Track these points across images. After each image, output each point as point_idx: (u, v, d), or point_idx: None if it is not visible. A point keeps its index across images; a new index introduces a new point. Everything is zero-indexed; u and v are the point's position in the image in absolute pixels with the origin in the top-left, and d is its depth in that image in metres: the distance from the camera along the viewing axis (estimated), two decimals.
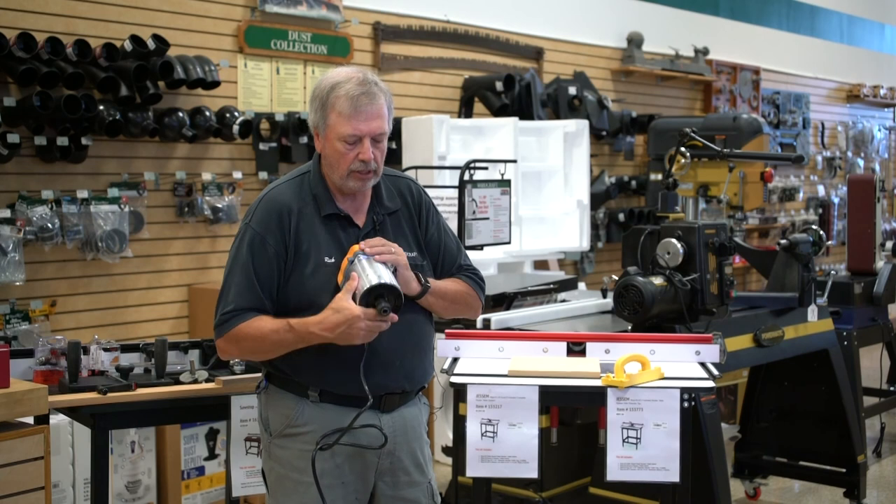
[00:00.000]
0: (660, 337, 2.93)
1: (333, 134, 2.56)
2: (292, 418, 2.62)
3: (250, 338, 2.54)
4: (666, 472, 2.55)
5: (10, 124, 4.55)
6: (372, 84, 2.57)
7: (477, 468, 2.59)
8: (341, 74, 2.60)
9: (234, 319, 2.54)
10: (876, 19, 11.94)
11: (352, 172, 2.57)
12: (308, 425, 2.60)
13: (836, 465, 4.84)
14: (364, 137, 2.55)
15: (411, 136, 5.77)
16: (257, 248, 2.56)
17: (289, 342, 2.53)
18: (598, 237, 7.66)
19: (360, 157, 2.55)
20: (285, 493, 2.64)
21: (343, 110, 2.54)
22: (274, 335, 2.52)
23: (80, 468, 4.29)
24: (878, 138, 11.53)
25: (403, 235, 2.71)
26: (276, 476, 2.67)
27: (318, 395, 2.60)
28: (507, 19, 7.14)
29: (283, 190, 2.64)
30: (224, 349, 2.61)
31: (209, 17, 5.39)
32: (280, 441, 2.64)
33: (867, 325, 5.45)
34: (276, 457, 2.66)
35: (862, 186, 5.70)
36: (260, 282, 2.55)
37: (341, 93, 2.55)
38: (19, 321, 4.57)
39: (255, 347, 2.57)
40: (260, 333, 2.53)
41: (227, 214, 5.32)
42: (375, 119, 2.56)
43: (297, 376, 2.61)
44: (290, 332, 2.51)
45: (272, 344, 2.54)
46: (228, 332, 2.55)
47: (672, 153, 4.61)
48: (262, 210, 2.60)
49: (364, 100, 2.54)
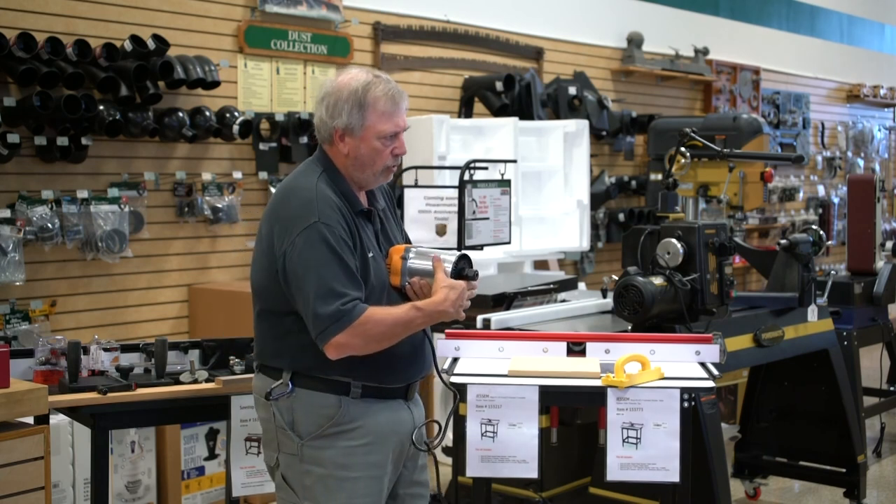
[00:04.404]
0: (660, 337, 2.94)
1: (372, 133, 2.63)
2: (336, 417, 2.59)
3: (382, 323, 2.54)
4: (666, 472, 2.55)
5: (10, 124, 4.55)
6: (393, 81, 2.70)
7: (477, 468, 2.59)
8: (362, 76, 2.65)
9: (356, 309, 2.51)
10: (876, 19, 11.94)
11: (385, 168, 2.69)
12: (355, 421, 2.60)
13: (836, 465, 4.84)
14: (400, 132, 2.68)
15: (411, 136, 5.68)
16: (339, 242, 2.55)
17: (417, 324, 2.60)
18: (598, 237, 7.66)
19: (395, 151, 2.67)
20: (329, 493, 2.61)
21: (386, 108, 2.63)
22: (404, 318, 2.57)
23: (80, 468, 4.29)
24: (878, 138, 11.53)
25: (395, 229, 2.83)
26: (314, 478, 2.62)
27: (361, 389, 2.61)
28: (507, 19, 7.14)
29: (322, 187, 2.62)
30: (345, 343, 2.51)
31: (209, 17, 5.39)
32: (318, 442, 2.61)
33: (867, 325, 5.45)
34: (314, 459, 2.61)
35: (862, 186, 5.70)
36: (358, 271, 2.57)
37: (379, 93, 2.63)
38: (19, 321, 4.57)
39: (385, 334, 2.56)
40: (392, 318, 2.56)
41: (227, 214, 5.32)
42: (405, 114, 2.71)
43: (335, 374, 2.59)
44: (421, 313, 2.57)
45: (403, 327, 2.58)
46: (354, 322, 2.50)
47: (672, 153, 4.61)
48: (325, 207, 2.57)
49: (400, 97, 2.67)
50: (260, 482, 3.27)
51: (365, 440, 2.61)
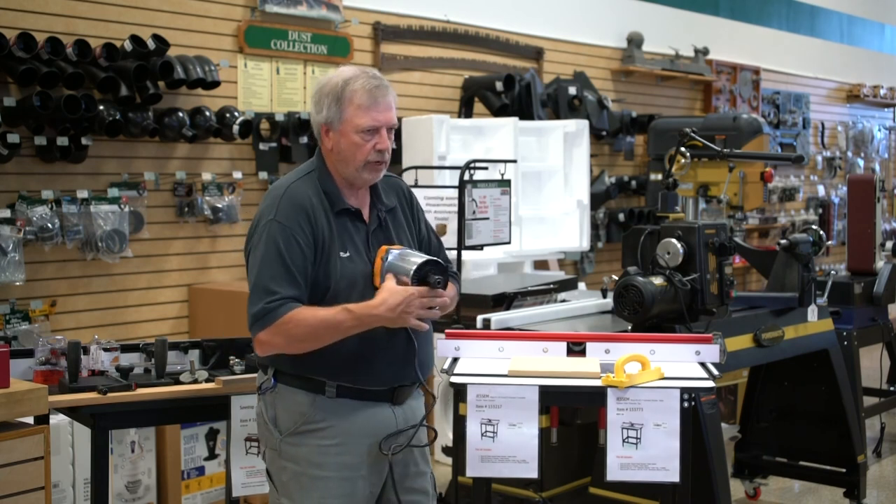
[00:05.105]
0: (660, 337, 2.93)
1: (350, 127, 2.63)
2: (308, 415, 2.63)
3: (304, 324, 2.53)
4: (666, 472, 2.55)
5: (10, 124, 4.55)
6: (382, 78, 2.69)
7: (477, 468, 2.59)
8: (348, 72, 2.69)
9: (282, 308, 2.53)
10: (876, 19, 11.94)
11: (367, 164, 2.65)
12: (326, 420, 2.63)
13: (836, 465, 4.84)
14: (381, 128, 2.64)
15: (411, 136, 5.77)
16: (287, 241, 2.58)
17: (346, 327, 2.55)
18: (598, 237, 7.66)
19: (377, 146, 2.64)
20: (303, 490, 2.64)
21: (362, 102, 2.63)
22: (331, 319, 2.53)
23: (80, 468, 4.29)
24: (878, 138, 11.53)
25: (404, 232, 2.79)
26: (290, 474, 2.66)
27: (336, 390, 2.62)
28: (507, 19, 7.14)
29: (299, 186, 2.68)
30: (267, 341, 2.56)
31: (209, 17, 5.39)
32: (293, 439, 2.65)
33: (867, 325, 5.45)
34: (290, 455, 2.66)
35: (862, 186, 5.70)
36: (297, 272, 2.57)
37: (357, 86, 2.64)
38: (19, 321, 4.57)
39: (308, 335, 2.55)
40: (316, 319, 2.53)
41: (227, 214, 5.32)
42: (389, 110, 2.67)
43: (312, 373, 2.62)
44: (350, 316, 2.53)
45: (329, 329, 2.54)
46: (276, 321, 2.53)
47: (672, 153, 4.61)
48: (287, 205, 2.62)
49: (380, 91, 2.65)
50: (260, 482, 3.27)
51: (336, 440, 2.62)
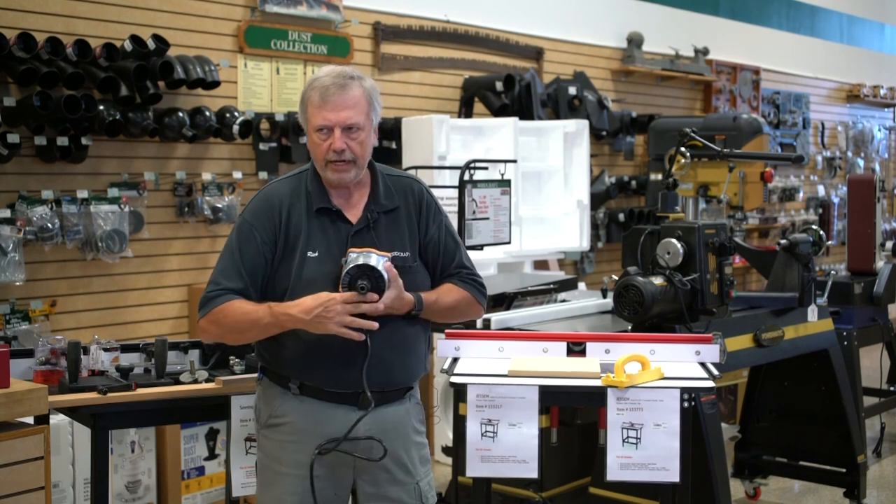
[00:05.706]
0: (660, 337, 2.93)
1: (310, 126, 2.66)
2: (274, 409, 2.70)
3: (230, 317, 2.60)
4: (666, 472, 2.55)
5: (10, 124, 4.55)
6: (347, 77, 2.64)
7: (477, 468, 2.59)
8: (320, 72, 2.71)
9: (218, 299, 2.62)
10: (876, 19, 11.94)
11: (328, 163, 2.65)
12: (286, 416, 2.68)
13: (836, 465, 4.85)
14: (334, 127, 2.61)
15: (411, 136, 5.77)
16: (245, 237, 2.66)
17: (265, 324, 2.59)
18: (598, 237, 7.66)
19: (332, 146, 2.62)
20: (266, 483, 2.72)
21: (315, 102, 2.63)
22: (253, 314, 2.59)
23: (80, 468, 4.29)
24: (878, 138, 11.53)
25: (399, 234, 2.73)
26: (260, 465, 2.77)
27: (299, 387, 2.67)
28: (507, 19, 7.14)
29: (279, 185, 2.74)
30: (206, 329, 2.67)
31: (209, 17, 5.39)
32: (265, 431, 2.74)
33: (867, 325, 5.45)
34: (262, 447, 2.76)
35: (862, 186, 5.70)
36: (245, 267, 2.64)
37: (315, 85, 2.65)
38: (19, 321, 4.57)
39: (234, 327, 2.62)
40: (240, 312, 2.60)
41: (227, 214, 5.32)
42: (344, 109, 2.61)
43: (281, 369, 2.70)
44: (268, 312, 2.58)
45: (250, 323, 2.60)
46: (211, 310, 2.62)
47: (672, 153, 4.61)
48: (256, 203, 2.71)
49: (333, 90, 2.61)
50: None
51: (293, 437, 2.67)
